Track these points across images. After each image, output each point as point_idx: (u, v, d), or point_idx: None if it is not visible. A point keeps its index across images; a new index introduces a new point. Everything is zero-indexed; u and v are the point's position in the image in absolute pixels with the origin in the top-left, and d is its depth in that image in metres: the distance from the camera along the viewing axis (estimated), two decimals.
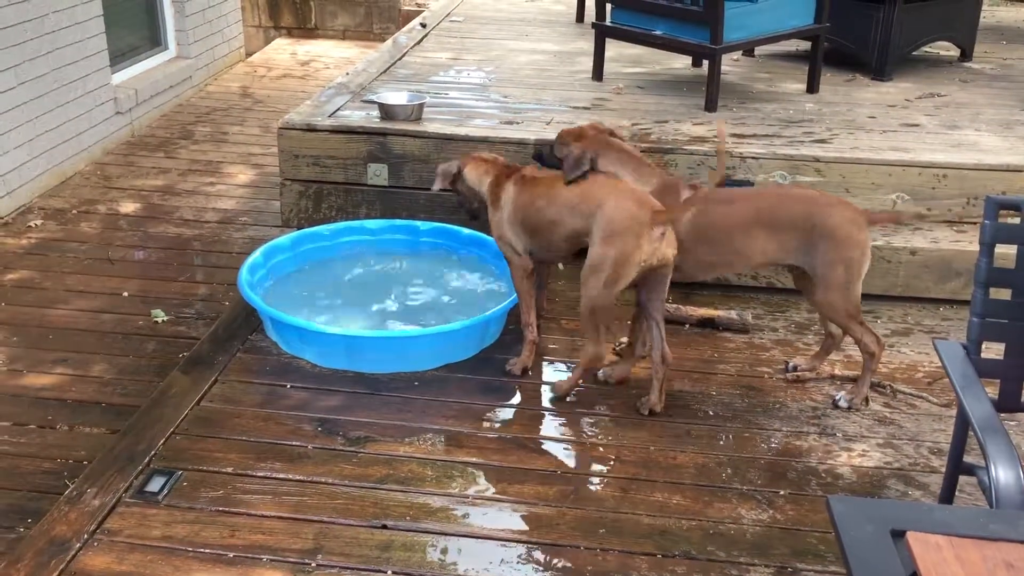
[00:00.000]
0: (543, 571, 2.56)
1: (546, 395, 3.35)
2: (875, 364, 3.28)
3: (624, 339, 3.52)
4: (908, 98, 5.11)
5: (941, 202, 4.15)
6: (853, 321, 3.22)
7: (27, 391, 3.46)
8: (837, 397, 3.32)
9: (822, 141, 4.36)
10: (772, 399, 3.37)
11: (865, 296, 3.99)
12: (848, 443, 3.13)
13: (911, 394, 3.40)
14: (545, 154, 3.55)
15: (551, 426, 3.21)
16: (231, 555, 2.56)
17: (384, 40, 7.19)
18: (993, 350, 2.29)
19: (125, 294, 4.18)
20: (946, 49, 6.04)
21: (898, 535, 1.42)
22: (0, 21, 4.75)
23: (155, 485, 2.79)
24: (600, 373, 3.39)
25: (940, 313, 3.98)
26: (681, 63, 5.68)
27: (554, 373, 3.50)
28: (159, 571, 2.49)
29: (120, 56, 6.16)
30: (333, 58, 8.16)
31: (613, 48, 5.32)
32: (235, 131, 6.30)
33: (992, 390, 2.25)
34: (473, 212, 3.57)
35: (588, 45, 5.73)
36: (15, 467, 3.05)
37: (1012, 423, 3.18)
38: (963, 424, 2.28)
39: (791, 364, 3.51)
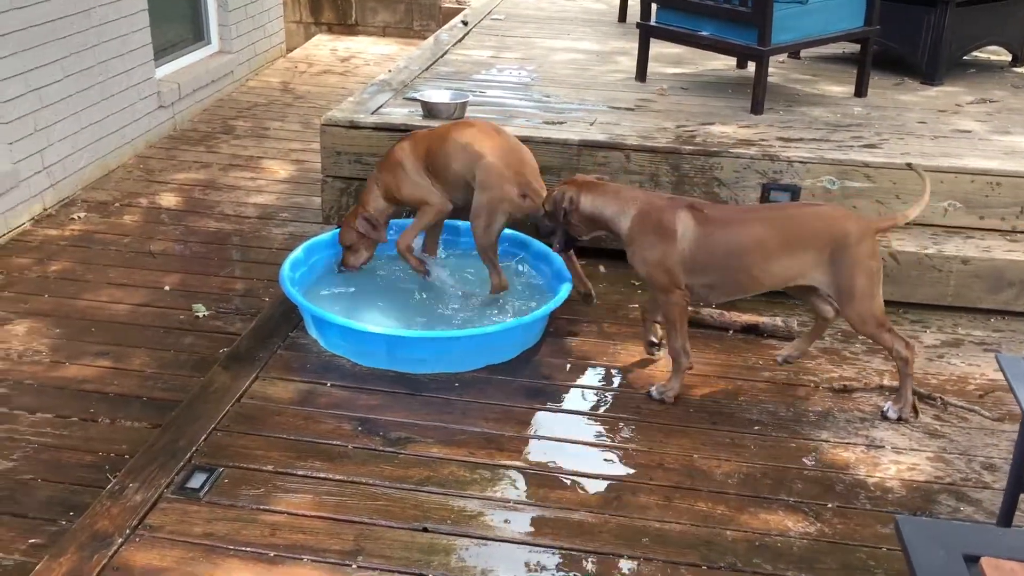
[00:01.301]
0: None
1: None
2: (910, 368, 3.21)
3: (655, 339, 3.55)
4: (959, 103, 5.01)
5: (994, 210, 4.06)
6: (882, 329, 3.18)
7: (69, 383, 3.47)
8: (885, 408, 3.25)
9: (871, 146, 4.28)
10: (818, 408, 3.30)
11: (914, 305, 3.95)
12: (897, 456, 3.06)
13: (962, 407, 3.32)
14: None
15: (593, 431, 3.17)
16: (272, 554, 2.54)
17: (424, 37, 7.18)
18: None
19: (166, 288, 4.19)
20: (997, 54, 5.92)
21: (971, 560, 1.37)
22: (48, 14, 4.78)
23: (196, 481, 2.78)
24: (653, 391, 3.32)
25: (991, 324, 3.89)
26: (724, 64, 5.61)
27: (594, 376, 3.46)
28: (200, 569, 2.48)
29: (164, 50, 6.19)
30: (373, 55, 8.16)
31: (654, 47, 5.25)
32: (275, 126, 6.31)
33: None
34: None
35: (629, 45, 5.68)
36: (57, 460, 3.06)
37: None
38: None
39: (780, 357, 3.55)
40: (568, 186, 3.33)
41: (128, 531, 2.58)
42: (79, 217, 4.85)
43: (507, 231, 3.86)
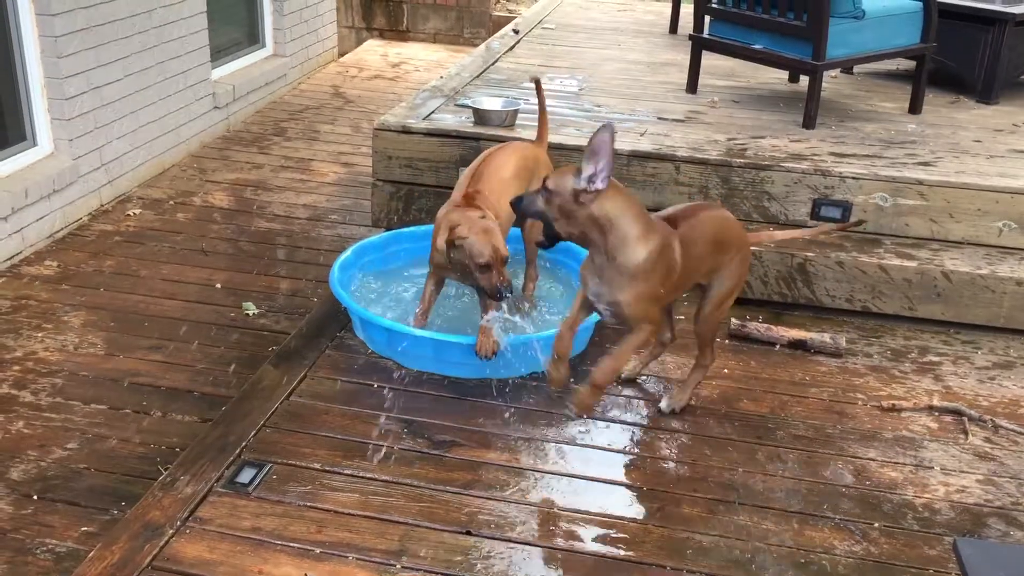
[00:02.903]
0: None
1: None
2: (702, 375, 3.27)
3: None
4: (1016, 123, 4.94)
5: None
6: (714, 335, 3.25)
7: (123, 376, 3.54)
8: (662, 404, 3.29)
9: (926, 164, 4.23)
10: (866, 426, 3.27)
11: (965, 326, 3.90)
12: (946, 477, 3.02)
13: (1014, 430, 3.27)
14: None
15: (638, 441, 3.17)
16: (318, 551, 2.57)
17: (474, 45, 7.23)
18: None
19: (217, 285, 4.26)
20: None
21: None
22: (112, 14, 4.89)
23: (246, 476, 2.83)
24: (663, 405, 3.30)
25: None
26: (777, 77, 5.58)
27: (640, 386, 3.46)
28: (248, 562, 2.52)
29: (220, 52, 6.31)
30: (423, 61, 8.23)
31: (706, 59, 5.25)
32: (326, 129, 6.39)
33: None
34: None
35: (680, 56, 5.68)
36: (110, 450, 3.13)
37: None
38: None
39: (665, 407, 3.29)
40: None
41: (179, 523, 2.63)
42: (134, 214, 4.95)
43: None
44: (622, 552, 2.64)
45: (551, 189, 2.68)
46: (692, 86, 5.25)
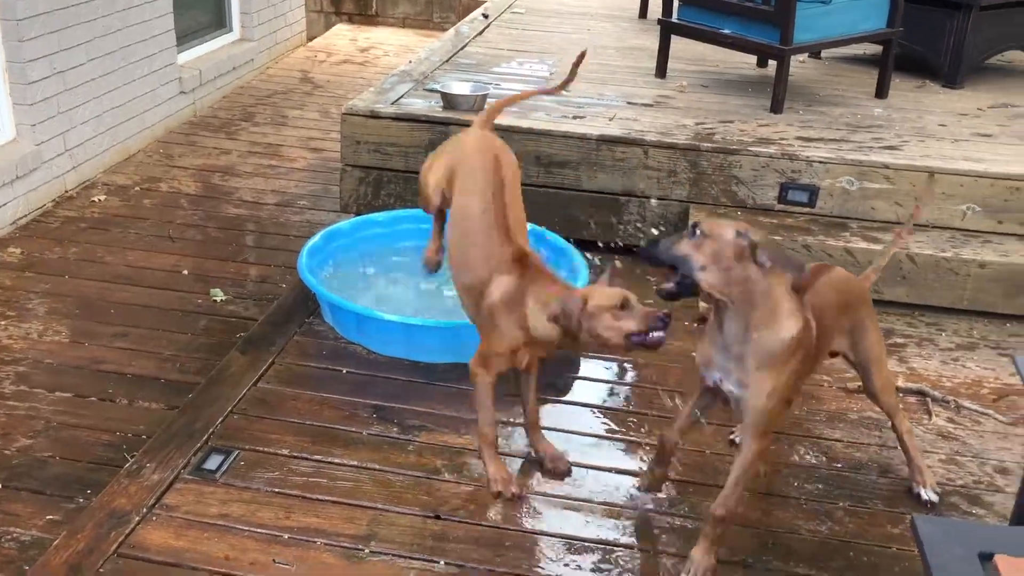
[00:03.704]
0: (596, 570, 2.53)
1: None
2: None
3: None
4: (980, 107, 4.99)
5: (1013, 214, 4.04)
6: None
7: (88, 363, 3.51)
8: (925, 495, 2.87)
9: (892, 148, 4.27)
10: (832, 408, 3.31)
11: (929, 308, 3.95)
12: None
13: (976, 410, 3.32)
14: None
15: (604, 424, 3.18)
16: (286, 536, 2.57)
17: (443, 30, 7.19)
18: None
19: (184, 272, 4.22)
20: (1020, 59, 5.89)
21: (986, 558, 1.38)
22: None
23: (213, 463, 2.81)
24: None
25: (1007, 329, 3.88)
26: (745, 62, 5.60)
27: (607, 370, 3.47)
28: (215, 548, 2.51)
29: (186, 36, 6.22)
30: (392, 45, 8.17)
31: (676, 45, 5.25)
32: (295, 115, 6.34)
33: None
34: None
35: (650, 41, 5.67)
36: (76, 438, 3.10)
37: None
38: None
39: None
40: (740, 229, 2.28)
41: (145, 510, 2.61)
42: (99, 200, 4.89)
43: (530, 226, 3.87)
44: (592, 533, 2.66)
45: (706, 232, 2.27)
46: (661, 71, 5.26)
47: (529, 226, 3.93)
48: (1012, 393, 3.40)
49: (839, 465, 3.01)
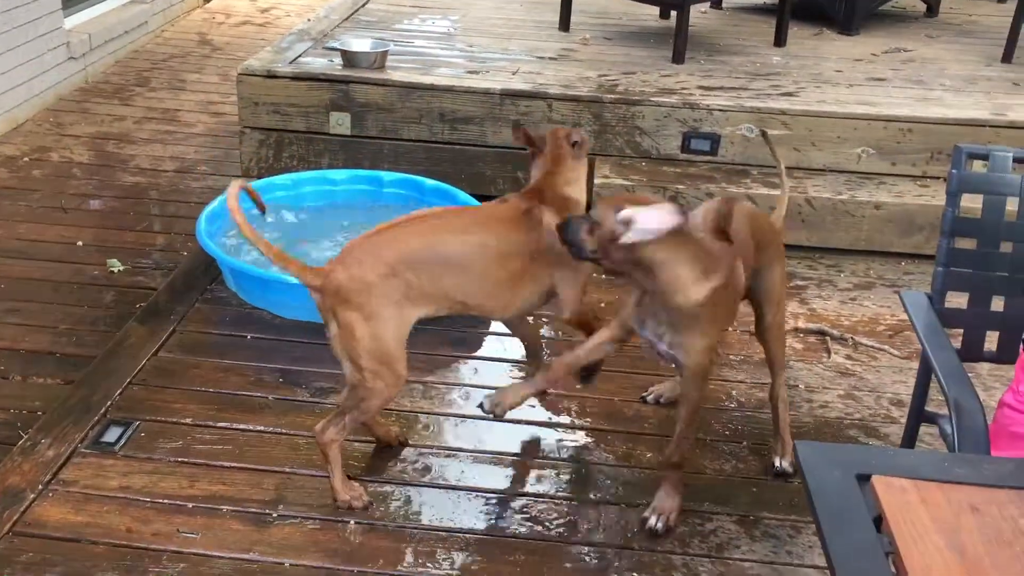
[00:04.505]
0: (509, 521, 2.55)
1: None
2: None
3: None
4: (875, 52, 5.10)
5: (906, 156, 4.16)
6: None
7: None
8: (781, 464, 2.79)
9: (789, 94, 4.34)
10: (735, 352, 3.38)
11: (828, 250, 4.05)
12: (810, 395, 3.16)
13: (872, 347, 3.43)
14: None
15: (516, 378, 3.19)
16: (190, 505, 2.52)
17: None
18: (957, 300, 2.30)
19: (79, 244, 4.07)
20: (912, 5, 6.03)
21: (863, 479, 1.42)
22: None
23: (111, 436, 2.74)
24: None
25: (902, 267, 4.01)
26: (648, 14, 5.61)
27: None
28: (116, 521, 2.45)
29: (73, 0, 5.95)
30: (294, 5, 7.96)
31: None
32: (193, 79, 6.14)
33: (956, 341, 2.26)
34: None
35: None
36: None
37: (971, 375, 3.21)
38: (926, 372, 2.29)
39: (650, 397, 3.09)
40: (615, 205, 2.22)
41: (41, 486, 2.53)
42: None
43: (427, 180, 3.85)
44: (503, 487, 2.67)
45: (595, 218, 2.22)
46: (564, 24, 5.24)
47: (438, 184, 3.93)
48: (906, 329, 3.51)
49: (743, 406, 3.08)
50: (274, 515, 2.51)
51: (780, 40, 5.11)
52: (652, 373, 3.20)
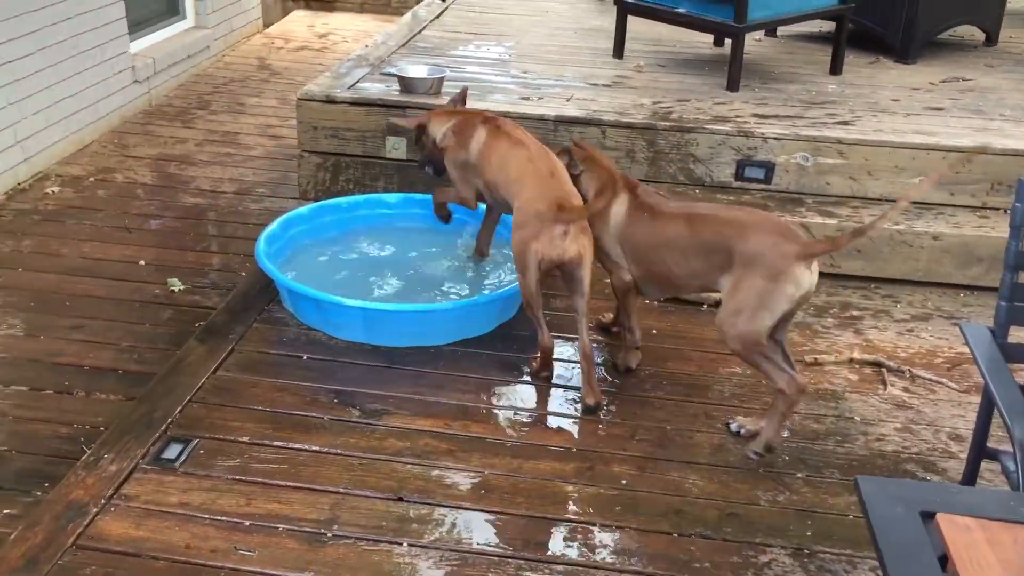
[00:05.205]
0: (559, 548, 2.55)
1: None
2: (786, 405, 2.86)
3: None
4: (932, 82, 5.05)
5: (965, 187, 4.11)
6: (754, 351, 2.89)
7: (45, 357, 3.46)
8: (733, 426, 3.04)
9: (845, 123, 4.31)
10: None
11: (885, 280, 4.00)
12: (866, 427, 3.12)
13: (930, 379, 3.38)
14: None
15: (566, 403, 3.20)
16: (247, 523, 2.56)
17: (402, 14, 7.13)
18: (1020, 335, 2.27)
19: (141, 263, 4.17)
20: (971, 34, 5.96)
21: (927, 516, 1.41)
22: None
23: (172, 452, 2.80)
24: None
25: (960, 299, 3.95)
26: (701, 41, 5.62)
27: (568, 350, 3.49)
28: (176, 537, 2.50)
29: (138, 24, 6.12)
30: (350, 31, 8.11)
31: (633, 25, 5.26)
32: (252, 102, 6.27)
33: (1019, 377, 2.22)
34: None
35: (608, 23, 5.67)
36: (33, 432, 3.06)
37: None
38: (988, 408, 2.26)
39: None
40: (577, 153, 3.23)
41: (103, 501, 2.59)
42: (53, 192, 4.81)
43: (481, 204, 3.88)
44: (552, 511, 2.68)
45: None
46: (618, 51, 5.27)
47: (482, 205, 3.94)
48: (965, 362, 3.46)
49: (797, 436, 3.05)
50: (328, 535, 2.54)
51: (836, 68, 5.09)
52: (705, 401, 3.19)
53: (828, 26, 5.47)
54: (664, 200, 3.16)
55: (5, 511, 2.70)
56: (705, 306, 3.79)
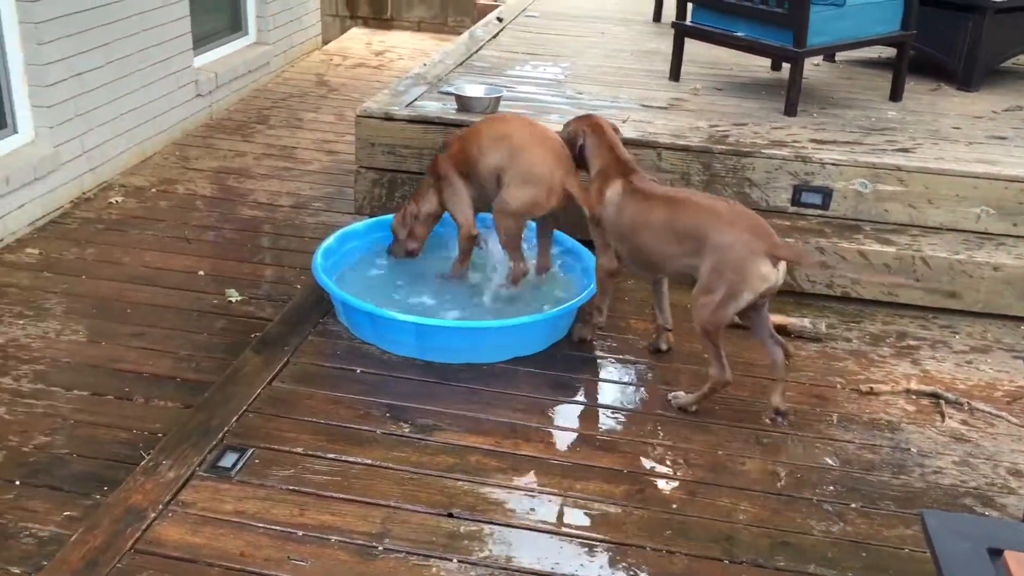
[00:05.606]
0: (608, 570, 2.55)
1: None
2: (710, 388, 3.17)
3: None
4: (995, 110, 4.98)
5: None
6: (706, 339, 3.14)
7: (105, 362, 3.54)
8: (670, 395, 3.28)
9: (905, 150, 4.26)
10: (844, 410, 3.31)
11: (944, 311, 3.94)
12: (922, 459, 3.06)
13: (989, 412, 3.32)
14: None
15: (618, 424, 3.19)
16: (300, 533, 2.59)
17: (458, 33, 7.22)
18: None
19: (200, 273, 4.26)
20: None
21: (995, 553, 1.38)
22: (94, 1, 4.86)
23: (228, 461, 2.84)
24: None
25: (1021, 332, 3.87)
26: (759, 65, 5.60)
27: (620, 371, 3.48)
28: (231, 545, 2.53)
29: (202, 40, 6.27)
30: (407, 49, 8.22)
31: (690, 48, 5.26)
32: (310, 118, 6.38)
33: None
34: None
35: (665, 45, 5.70)
36: (92, 436, 3.13)
37: None
38: None
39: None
40: (582, 124, 3.57)
41: (161, 507, 2.64)
42: (117, 201, 4.94)
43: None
44: (602, 534, 2.67)
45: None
46: (675, 74, 5.27)
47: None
48: None
49: (851, 466, 3.01)
50: (379, 548, 2.56)
51: (896, 95, 5.04)
52: (758, 428, 3.17)
53: (888, 52, 5.42)
54: (655, 185, 3.37)
55: (65, 513, 2.77)
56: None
